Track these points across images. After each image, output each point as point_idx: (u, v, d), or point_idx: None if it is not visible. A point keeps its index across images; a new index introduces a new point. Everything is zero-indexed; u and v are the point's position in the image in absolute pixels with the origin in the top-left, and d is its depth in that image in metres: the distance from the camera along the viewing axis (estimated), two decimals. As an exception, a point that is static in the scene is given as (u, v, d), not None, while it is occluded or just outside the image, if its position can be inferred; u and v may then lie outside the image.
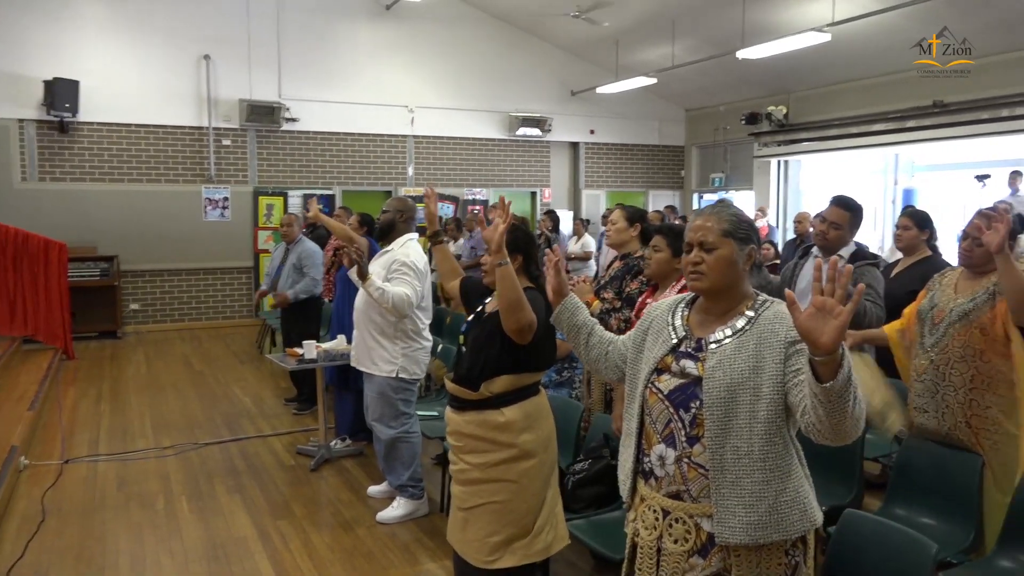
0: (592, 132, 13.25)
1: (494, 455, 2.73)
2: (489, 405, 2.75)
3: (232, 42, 10.59)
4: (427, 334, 4.22)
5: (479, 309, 2.96)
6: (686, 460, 1.82)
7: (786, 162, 12.23)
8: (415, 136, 11.93)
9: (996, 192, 8.97)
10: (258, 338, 9.56)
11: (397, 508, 4.18)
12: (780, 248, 9.03)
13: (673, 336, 1.93)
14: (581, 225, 11.00)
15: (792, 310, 1.54)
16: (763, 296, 1.91)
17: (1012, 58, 8.61)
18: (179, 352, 9.15)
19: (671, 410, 1.86)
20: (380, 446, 4.26)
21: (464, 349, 2.90)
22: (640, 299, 3.38)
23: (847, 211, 3.76)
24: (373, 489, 4.55)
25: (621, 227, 3.81)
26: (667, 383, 1.88)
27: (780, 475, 1.77)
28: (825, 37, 8.45)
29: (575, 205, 13.41)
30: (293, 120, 10.99)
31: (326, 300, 6.67)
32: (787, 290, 1.59)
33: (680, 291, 3.15)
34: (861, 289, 1.52)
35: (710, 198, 13.68)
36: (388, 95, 11.58)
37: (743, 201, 12.50)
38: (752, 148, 12.29)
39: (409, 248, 4.14)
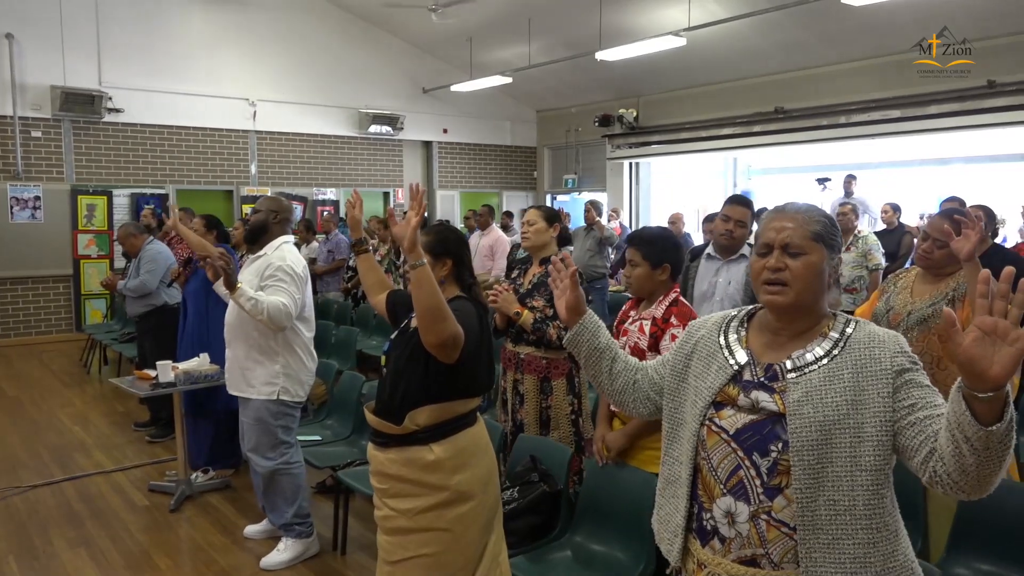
0: (445, 131, 12.95)
1: (423, 500, 2.34)
2: (415, 440, 2.34)
3: (41, 21, 9.32)
4: (311, 350, 3.74)
5: (403, 325, 2.57)
6: (765, 517, 1.47)
7: (637, 164, 12.52)
8: (258, 132, 11.09)
9: (834, 194, 9.56)
10: (83, 355, 8.45)
11: (284, 551, 3.67)
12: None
13: (731, 361, 1.58)
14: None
15: (951, 333, 1.21)
16: (844, 315, 1.57)
17: (849, 68, 9.21)
18: (-16, 376, 7.89)
19: (740, 454, 1.50)
20: (258, 480, 3.74)
21: (384, 372, 2.50)
22: (622, 311, 3.07)
23: (748, 208, 3.71)
24: (251, 529, 3.99)
25: (540, 228, 3.54)
26: (732, 420, 1.53)
27: (888, 535, 1.45)
28: (681, 41, 8.65)
29: (429, 206, 13.04)
30: (117, 111, 9.86)
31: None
32: (946, 309, 1.28)
33: (670, 306, 2.83)
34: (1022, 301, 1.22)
35: (563, 199, 13.78)
36: (227, 87, 10.68)
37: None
38: (604, 150, 12.48)
39: (285, 252, 3.64)
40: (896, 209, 7.87)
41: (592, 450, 2.97)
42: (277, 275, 3.53)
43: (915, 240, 7.72)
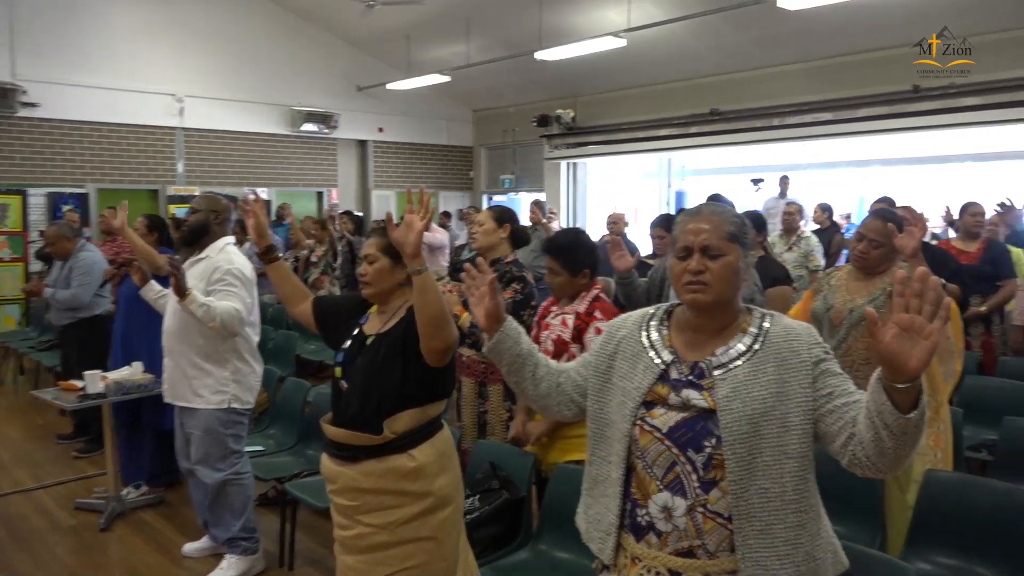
0: (381, 130, 12.71)
1: (406, 509, 2.24)
2: (394, 449, 2.25)
3: (-53, 8, 8.75)
4: (258, 354, 3.57)
5: (356, 333, 2.43)
6: (701, 510, 1.52)
7: (575, 164, 12.55)
8: (185, 129, 10.65)
9: (767, 194, 9.77)
10: (-5, 365, 7.95)
11: (228, 569, 3.48)
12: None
13: (657, 360, 1.62)
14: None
15: (874, 329, 1.31)
16: (758, 309, 1.65)
17: (783, 71, 9.40)
18: None
19: (675, 451, 1.54)
20: (202, 492, 3.54)
21: (345, 385, 2.36)
22: (543, 306, 3.07)
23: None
24: (189, 547, 3.78)
25: (489, 228, 3.45)
26: (665, 419, 1.56)
27: (815, 516, 1.54)
28: (620, 43, 8.67)
29: (365, 206, 12.79)
30: (33, 105, 9.30)
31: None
32: (868, 308, 1.35)
33: (593, 302, 2.89)
34: (948, 304, 1.31)
35: (500, 199, 13.72)
36: (152, 82, 10.21)
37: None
38: (542, 150, 12.46)
39: (231, 255, 3.48)
40: (826, 209, 8.08)
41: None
42: (226, 279, 3.36)
43: (844, 240, 7.95)
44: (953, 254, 4.78)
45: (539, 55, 9.29)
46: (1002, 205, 5.50)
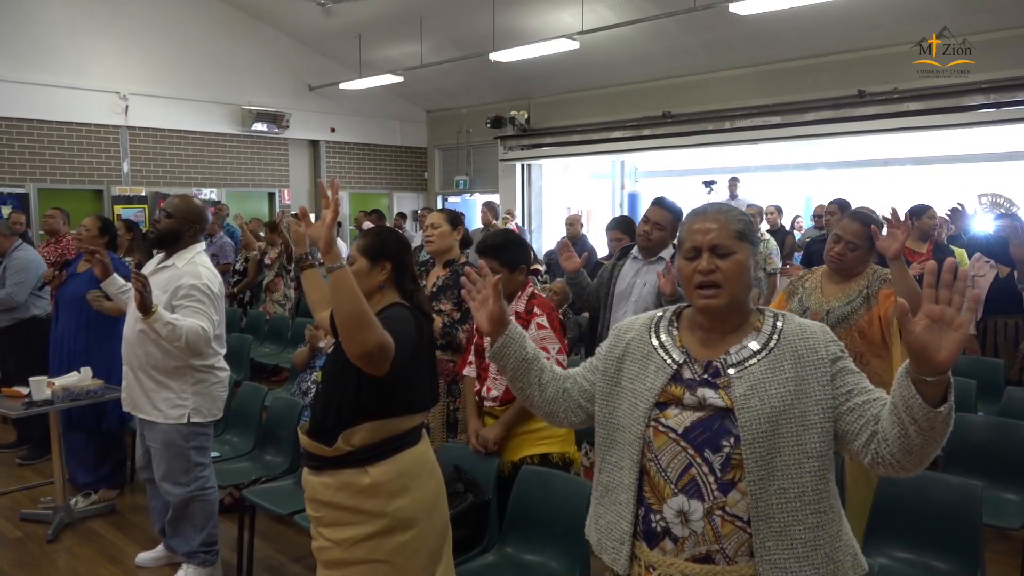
0: (333, 130, 12.56)
1: (359, 528, 2.16)
2: (349, 463, 2.16)
3: None
4: (222, 363, 3.44)
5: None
6: (719, 512, 1.47)
7: (529, 165, 12.58)
8: (130, 127, 10.37)
9: (718, 197, 9.91)
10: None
11: (185, 580, 3.39)
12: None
13: (669, 361, 1.59)
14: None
15: (904, 321, 1.28)
16: (769, 309, 1.63)
17: (733, 75, 9.57)
18: None
19: (690, 452, 1.50)
20: (161, 501, 3.44)
21: (319, 390, 2.32)
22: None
23: (669, 212, 3.73)
24: (143, 557, 3.67)
25: (445, 231, 3.45)
26: (680, 419, 1.52)
27: (834, 517, 1.51)
28: (574, 44, 8.74)
29: (317, 207, 12.60)
30: (-33, 102, 8.98)
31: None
32: (900, 299, 1.33)
33: (530, 299, 2.92)
34: (976, 295, 1.31)
35: (454, 200, 13.68)
36: (95, 79, 9.92)
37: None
38: (496, 151, 12.46)
39: (199, 267, 3.27)
40: (779, 211, 8.24)
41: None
42: (194, 295, 3.19)
43: (797, 241, 8.13)
44: (905, 254, 4.92)
45: (493, 56, 9.30)
46: (953, 210, 5.70)
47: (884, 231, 2.98)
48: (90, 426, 4.34)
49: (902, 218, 2.94)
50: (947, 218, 6.08)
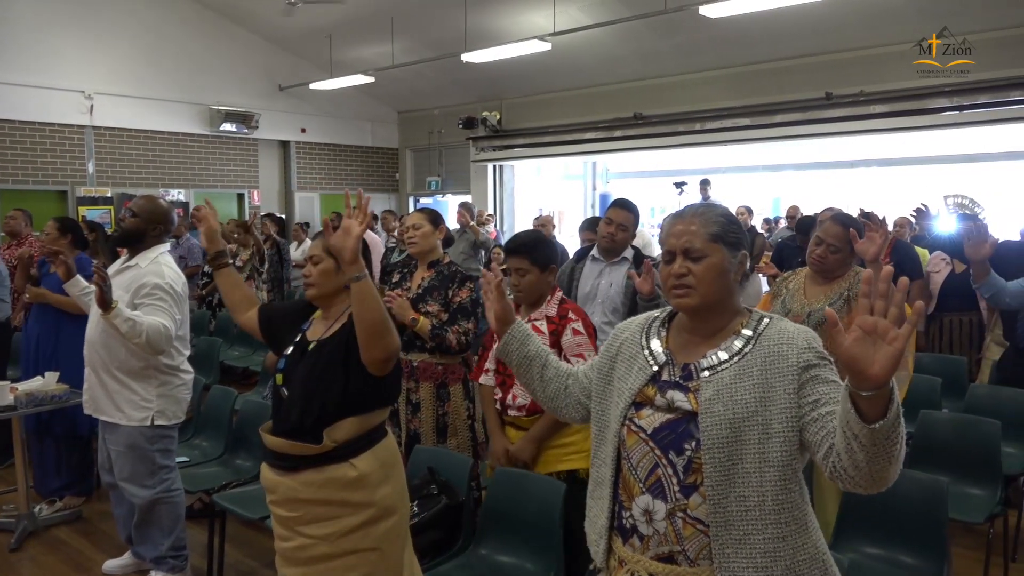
0: (303, 131, 12.45)
1: (347, 520, 2.19)
2: (334, 458, 2.19)
3: None
4: (187, 365, 3.42)
5: (298, 339, 2.37)
6: (681, 515, 1.49)
7: (501, 166, 12.58)
8: (95, 127, 10.19)
9: (690, 198, 9.99)
10: None
11: (154, 586, 3.34)
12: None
13: (651, 362, 1.60)
14: (301, 230, 10.24)
15: (834, 333, 1.22)
16: (759, 312, 1.61)
17: (704, 77, 9.66)
18: None
19: (657, 453, 1.52)
20: (127, 508, 3.38)
21: (285, 393, 2.29)
22: None
23: (630, 212, 3.75)
24: (110, 564, 3.60)
25: (427, 231, 3.42)
26: (650, 419, 1.55)
27: (797, 528, 1.47)
28: (546, 46, 8.75)
29: (287, 208, 12.50)
30: (-73, 101, 8.76)
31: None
32: (828, 309, 1.31)
33: (562, 303, 2.86)
34: (920, 308, 1.28)
35: (426, 201, 13.63)
36: (59, 78, 9.72)
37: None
38: (468, 152, 12.44)
39: (163, 267, 3.26)
40: (750, 212, 8.33)
41: (486, 454, 2.93)
42: (156, 293, 3.17)
43: (767, 242, 8.21)
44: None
45: (465, 57, 9.28)
46: (918, 211, 5.79)
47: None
48: (59, 432, 4.25)
49: (877, 222, 2.98)
50: (911, 219, 6.18)
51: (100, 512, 4.27)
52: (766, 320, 1.57)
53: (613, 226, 3.69)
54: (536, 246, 2.88)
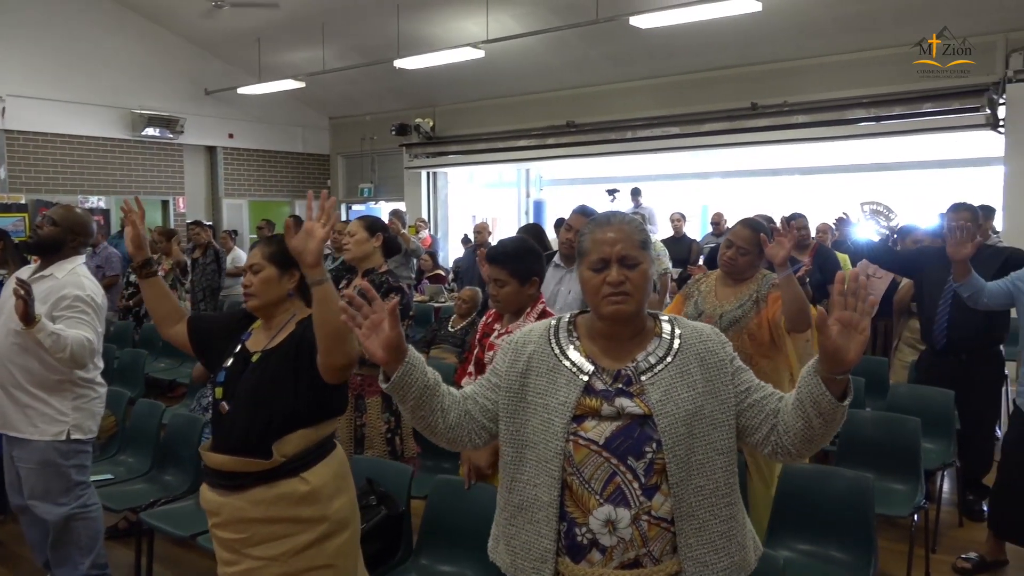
0: (231, 136, 12.16)
1: (300, 538, 2.10)
2: (284, 473, 2.10)
3: None
4: (100, 379, 3.27)
5: (238, 350, 2.29)
6: (645, 517, 1.51)
7: (435, 173, 12.53)
8: (8, 131, 9.74)
9: (621, 205, 10.16)
10: None
11: (76, 611, 3.18)
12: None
13: (578, 373, 1.58)
14: (229, 237, 9.98)
15: (824, 329, 1.42)
16: (659, 312, 1.69)
17: (634, 86, 9.83)
18: None
19: (614, 462, 1.51)
20: (40, 531, 3.21)
21: (226, 407, 2.20)
22: (483, 323, 2.93)
23: (587, 218, 3.78)
24: (29, 590, 3.43)
25: (361, 238, 3.36)
26: (599, 430, 1.53)
27: (740, 507, 1.62)
28: (479, 53, 8.77)
29: (215, 215, 12.17)
30: None
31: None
32: (818, 308, 1.47)
33: (543, 316, 2.69)
34: (874, 302, 1.46)
35: (359, 208, 13.48)
36: (-32, 79, 9.28)
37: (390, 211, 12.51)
38: (402, 159, 12.35)
39: (82, 278, 3.12)
40: (683, 218, 8.50)
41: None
42: (78, 306, 3.02)
43: (703, 247, 8.41)
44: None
45: (397, 63, 9.24)
46: (839, 219, 6.02)
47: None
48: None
49: (785, 227, 3.09)
50: (832, 226, 6.42)
51: (15, 535, 4.05)
52: (671, 320, 1.66)
53: (572, 232, 3.69)
54: (519, 256, 2.72)
